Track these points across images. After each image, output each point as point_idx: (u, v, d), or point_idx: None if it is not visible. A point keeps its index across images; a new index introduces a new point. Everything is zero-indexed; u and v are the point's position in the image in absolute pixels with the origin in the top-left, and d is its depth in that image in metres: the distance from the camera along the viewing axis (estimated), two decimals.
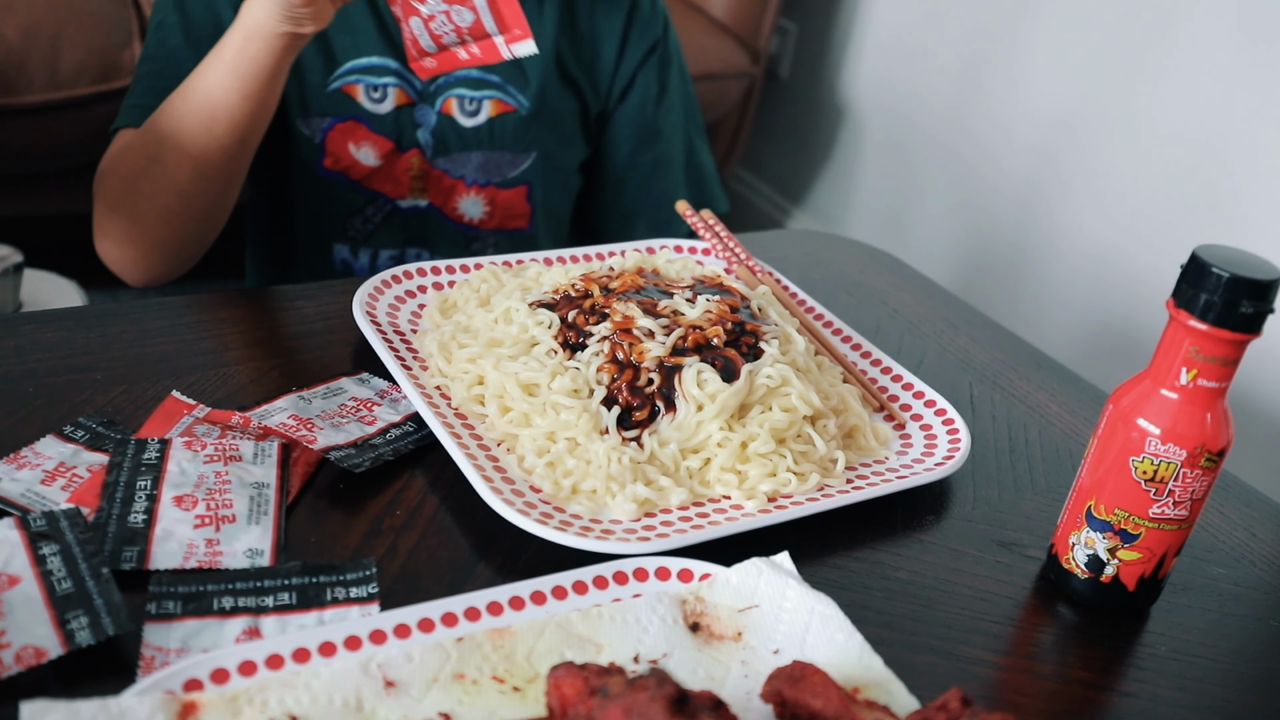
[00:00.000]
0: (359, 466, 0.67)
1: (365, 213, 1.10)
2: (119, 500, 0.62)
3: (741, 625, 0.58)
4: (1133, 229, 1.83)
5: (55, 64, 1.84)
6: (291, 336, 0.83)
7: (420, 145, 1.08)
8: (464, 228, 1.13)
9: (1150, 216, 1.80)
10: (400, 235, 1.12)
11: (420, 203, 1.11)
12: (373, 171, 1.08)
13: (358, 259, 1.12)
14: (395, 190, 1.09)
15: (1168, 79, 1.75)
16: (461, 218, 1.12)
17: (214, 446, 0.67)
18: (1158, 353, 0.62)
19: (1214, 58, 1.68)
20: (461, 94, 1.07)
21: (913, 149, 2.29)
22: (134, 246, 0.96)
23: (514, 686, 0.53)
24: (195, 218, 0.94)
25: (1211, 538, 0.75)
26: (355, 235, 1.11)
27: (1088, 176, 1.90)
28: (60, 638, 0.52)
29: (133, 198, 0.93)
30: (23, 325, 0.79)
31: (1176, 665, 0.64)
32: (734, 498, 0.69)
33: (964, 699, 0.51)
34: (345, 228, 1.11)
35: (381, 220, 1.11)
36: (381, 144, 1.07)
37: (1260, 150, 1.63)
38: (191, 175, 0.90)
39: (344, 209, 1.10)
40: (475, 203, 1.11)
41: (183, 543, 0.60)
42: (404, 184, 1.09)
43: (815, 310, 0.92)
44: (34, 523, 0.58)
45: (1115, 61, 1.83)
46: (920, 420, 0.80)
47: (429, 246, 1.13)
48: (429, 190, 1.10)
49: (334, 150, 1.07)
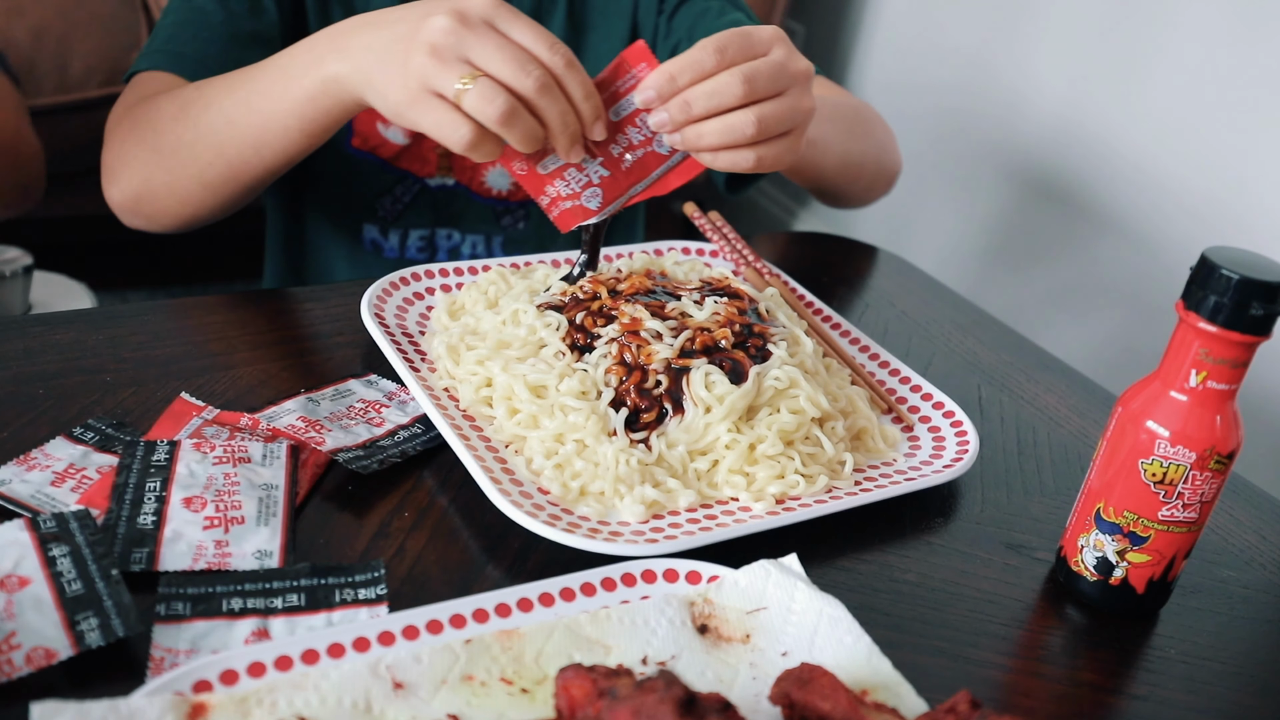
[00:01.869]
0: (367, 468, 0.67)
1: (394, 192, 1.10)
2: (128, 502, 0.62)
3: (750, 627, 0.58)
4: (1140, 231, 1.83)
5: (64, 66, 1.85)
6: (300, 338, 0.83)
7: None
8: (492, 202, 1.12)
9: (1158, 218, 1.80)
10: (429, 215, 1.12)
11: (448, 181, 1.10)
12: (401, 150, 1.08)
13: (387, 239, 1.12)
14: (423, 169, 1.09)
15: (1172, 83, 1.74)
16: (489, 191, 1.11)
17: (223, 448, 0.67)
18: (1167, 355, 0.62)
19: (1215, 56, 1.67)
20: None
21: (921, 150, 2.29)
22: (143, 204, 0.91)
23: (522, 688, 0.53)
24: (210, 207, 0.91)
25: (1221, 540, 0.75)
26: (385, 215, 1.11)
27: (1096, 179, 1.89)
28: (70, 639, 0.52)
29: (153, 168, 0.89)
30: (33, 327, 0.79)
31: (1186, 668, 0.64)
32: (742, 500, 0.69)
33: (973, 701, 0.51)
34: (375, 208, 1.10)
35: (410, 200, 1.10)
36: None
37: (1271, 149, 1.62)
38: (223, 177, 0.87)
39: (373, 188, 1.09)
40: (502, 174, 1.11)
41: (192, 544, 0.60)
42: (431, 162, 1.09)
43: (823, 312, 0.92)
44: (44, 524, 0.58)
45: (1123, 64, 1.83)
46: (929, 422, 0.80)
47: (458, 226, 1.12)
48: (454, 168, 1.10)
49: (362, 129, 1.07)
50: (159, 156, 0.88)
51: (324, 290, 0.90)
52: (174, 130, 0.87)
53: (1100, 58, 1.87)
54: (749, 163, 0.74)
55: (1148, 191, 1.80)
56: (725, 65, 0.72)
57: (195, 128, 0.85)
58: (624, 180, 0.77)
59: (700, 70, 0.72)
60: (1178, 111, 1.74)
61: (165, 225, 0.93)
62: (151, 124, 0.88)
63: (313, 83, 0.78)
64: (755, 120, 0.72)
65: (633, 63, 0.75)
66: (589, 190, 0.77)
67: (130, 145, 0.90)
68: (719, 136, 0.73)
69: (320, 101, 0.79)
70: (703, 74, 0.72)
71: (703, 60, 0.72)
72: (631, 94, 0.75)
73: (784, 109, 0.74)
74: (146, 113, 0.89)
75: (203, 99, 0.85)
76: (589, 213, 0.77)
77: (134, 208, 0.92)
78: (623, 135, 0.76)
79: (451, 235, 1.12)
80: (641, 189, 0.78)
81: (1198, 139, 1.71)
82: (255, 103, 0.82)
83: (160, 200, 0.90)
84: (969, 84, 2.12)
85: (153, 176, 0.89)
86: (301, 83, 0.79)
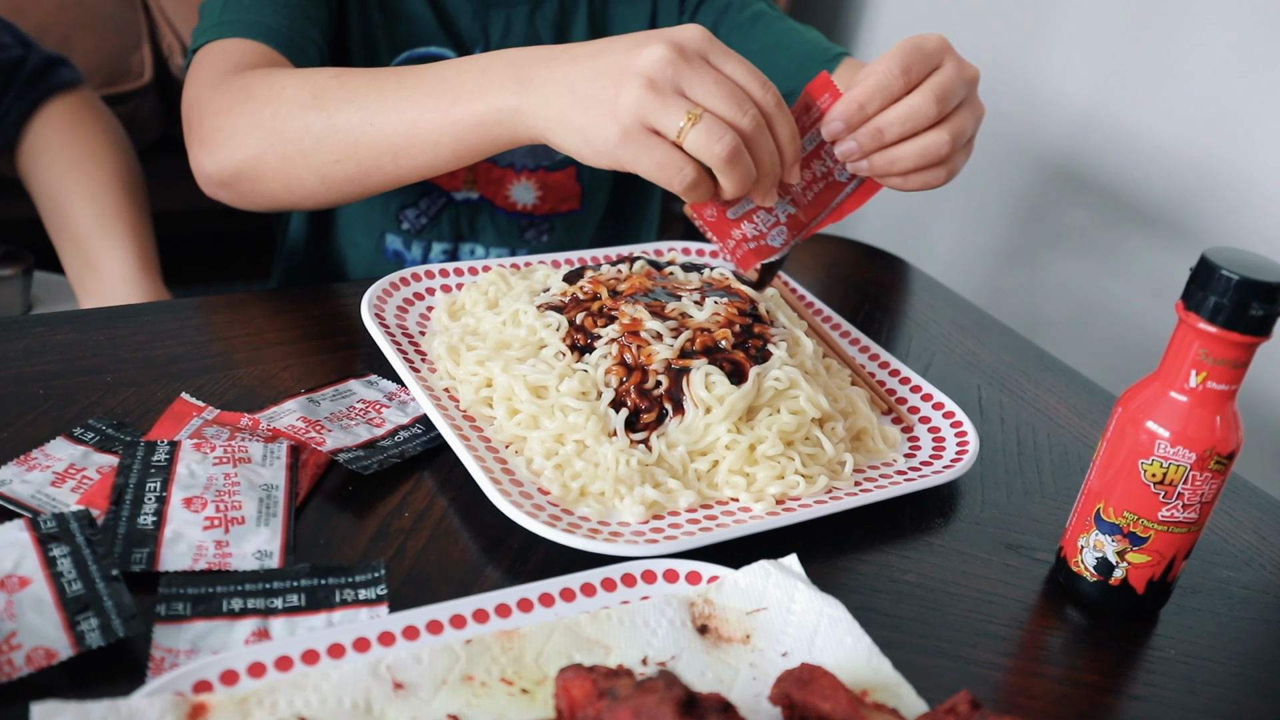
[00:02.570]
0: (367, 468, 0.67)
1: (419, 205, 1.09)
2: (128, 502, 0.62)
3: (750, 628, 0.58)
4: (1141, 231, 1.83)
5: None
6: (300, 339, 0.83)
7: None
8: (517, 216, 1.11)
9: (1160, 219, 1.80)
10: (453, 228, 1.10)
11: (473, 195, 1.10)
12: None
13: (410, 250, 1.11)
14: (450, 182, 1.08)
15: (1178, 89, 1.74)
16: (514, 206, 1.11)
17: (223, 448, 0.67)
18: (1167, 355, 0.62)
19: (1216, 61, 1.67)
20: None
21: None
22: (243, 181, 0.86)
23: (523, 688, 0.53)
24: (319, 199, 0.86)
25: (1221, 541, 0.75)
26: (409, 227, 1.10)
27: (1097, 181, 1.89)
28: (71, 639, 0.52)
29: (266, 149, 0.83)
30: (33, 327, 0.79)
31: (1185, 668, 0.64)
32: (742, 500, 0.69)
33: (973, 702, 0.51)
34: (399, 219, 1.10)
35: (436, 212, 1.09)
36: None
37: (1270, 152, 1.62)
38: (348, 176, 0.82)
39: (398, 199, 1.08)
40: (526, 188, 1.10)
41: (192, 545, 0.60)
42: (458, 176, 1.08)
43: (823, 313, 0.92)
44: (44, 524, 0.58)
45: (1128, 67, 1.83)
46: (929, 423, 0.80)
47: (482, 241, 1.12)
48: (479, 183, 1.09)
49: None
50: (277, 138, 0.82)
51: (324, 291, 0.90)
52: (302, 116, 0.81)
53: (1106, 62, 1.86)
54: (940, 179, 0.73)
55: (1150, 191, 1.80)
56: (912, 86, 0.71)
57: (330, 120, 0.80)
58: (808, 214, 0.76)
59: (889, 95, 0.70)
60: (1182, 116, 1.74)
61: (257, 205, 0.89)
62: (271, 101, 0.82)
63: (485, 109, 0.74)
64: (950, 139, 0.71)
65: (816, 95, 0.73)
66: (775, 230, 0.75)
67: (239, 118, 0.83)
68: (914, 160, 0.72)
69: (487, 129, 0.75)
70: (892, 98, 0.70)
71: (890, 85, 0.70)
72: (818, 126, 0.73)
73: (970, 121, 0.73)
74: (260, 88, 0.83)
75: (344, 91, 0.80)
76: (772, 250, 0.75)
77: (230, 182, 0.86)
78: (807, 170, 0.75)
79: (475, 250, 1.12)
80: (821, 219, 0.76)
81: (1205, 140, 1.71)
82: (408, 112, 0.77)
83: (265, 182, 0.85)
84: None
85: (264, 157, 0.83)
86: (471, 106, 0.74)
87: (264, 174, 0.84)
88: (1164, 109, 1.77)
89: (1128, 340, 1.85)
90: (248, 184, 0.86)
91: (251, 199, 0.87)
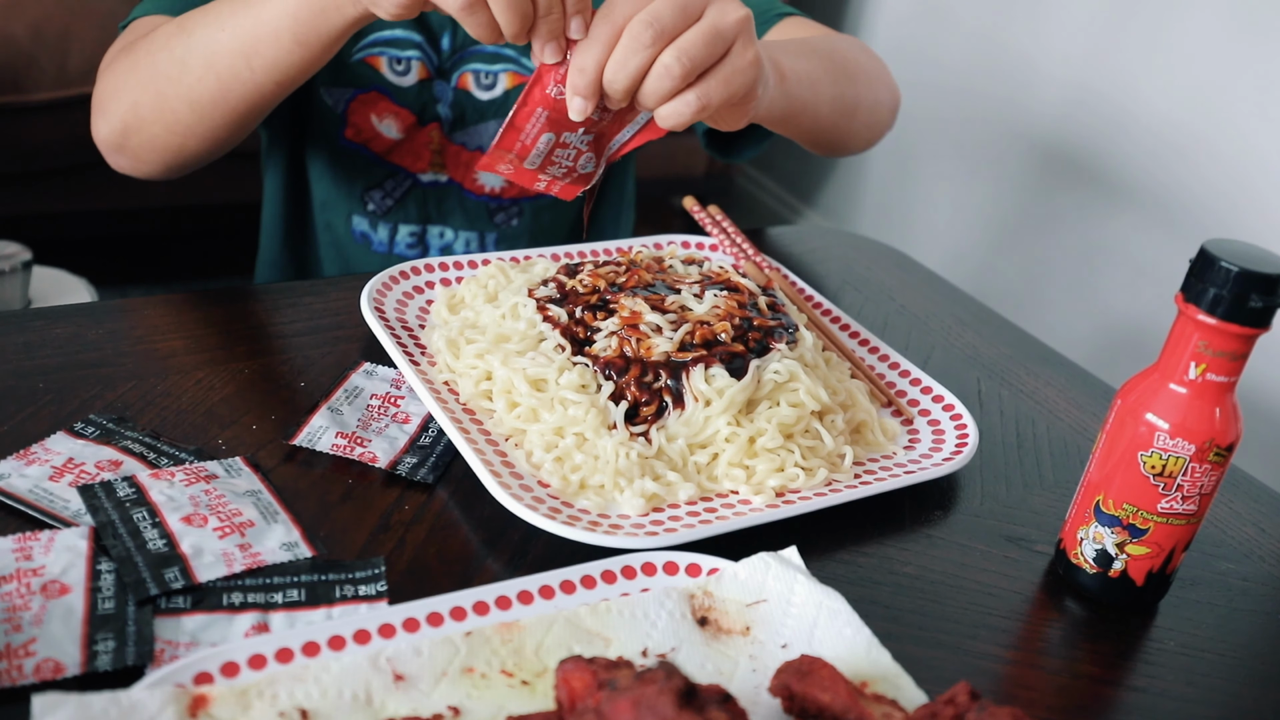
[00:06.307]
0: (428, 478, 0.68)
1: (385, 186, 1.09)
2: (125, 534, 0.59)
3: (749, 620, 0.58)
4: (1141, 223, 1.83)
5: (64, 62, 1.85)
6: (300, 332, 0.83)
7: (440, 119, 1.08)
8: (485, 199, 1.12)
9: (1159, 210, 1.80)
10: (420, 211, 1.11)
11: (441, 178, 1.10)
12: (394, 145, 1.08)
13: (376, 232, 1.12)
14: (415, 164, 1.09)
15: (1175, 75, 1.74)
16: (482, 189, 1.11)
17: (183, 472, 0.65)
18: (1166, 347, 0.62)
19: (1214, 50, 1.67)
20: (477, 68, 1.07)
21: (921, 145, 2.29)
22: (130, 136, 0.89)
23: (523, 680, 0.53)
24: (200, 135, 0.88)
25: (1220, 532, 0.75)
26: (375, 209, 1.11)
27: (1094, 172, 1.89)
28: (83, 657, 0.52)
29: (140, 93, 0.87)
30: (33, 321, 0.79)
31: (1185, 660, 0.64)
32: (742, 493, 0.69)
33: (972, 693, 0.51)
34: (364, 200, 1.10)
35: (402, 195, 1.10)
36: (404, 117, 1.06)
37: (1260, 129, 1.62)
38: (212, 95, 0.84)
39: (363, 181, 1.09)
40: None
41: (217, 554, 0.59)
42: (424, 158, 1.09)
43: (823, 306, 0.92)
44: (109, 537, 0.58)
45: (1124, 57, 1.83)
46: (928, 416, 0.80)
47: (450, 224, 1.12)
48: (447, 166, 1.10)
49: (356, 121, 1.06)
50: (151, 76, 0.86)
51: (323, 284, 0.90)
52: (168, 47, 0.85)
53: (1102, 51, 1.86)
54: (691, 106, 0.68)
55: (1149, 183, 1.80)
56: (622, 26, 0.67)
57: (189, 40, 0.84)
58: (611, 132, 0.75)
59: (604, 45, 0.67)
60: (1179, 104, 1.74)
61: (152, 164, 0.91)
62: (146, 52, 0.87)
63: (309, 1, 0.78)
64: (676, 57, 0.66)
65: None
66: (583, 158, 0.76)
67: (120, 77, 0.88)
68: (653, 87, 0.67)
69: (317, 5, 0.78)
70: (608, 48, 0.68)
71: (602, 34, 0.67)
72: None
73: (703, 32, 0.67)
74: (140, 45, 0.88)
75: (205, 13, 0.84)
76: (589, 177, 0.77)
77: (121, 142, 0.89)
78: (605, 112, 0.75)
79: (444, 233, 1.12)
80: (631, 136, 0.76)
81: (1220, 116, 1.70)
82: (252, 8, 0.80)
83: (147, 129, 0.88)
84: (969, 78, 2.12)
85: (140, 101, 0.87)
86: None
87: (144, 119, 0.87)
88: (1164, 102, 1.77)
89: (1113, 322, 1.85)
90: (135, 137, 0.89)
91: (146, 156, 0.90)
